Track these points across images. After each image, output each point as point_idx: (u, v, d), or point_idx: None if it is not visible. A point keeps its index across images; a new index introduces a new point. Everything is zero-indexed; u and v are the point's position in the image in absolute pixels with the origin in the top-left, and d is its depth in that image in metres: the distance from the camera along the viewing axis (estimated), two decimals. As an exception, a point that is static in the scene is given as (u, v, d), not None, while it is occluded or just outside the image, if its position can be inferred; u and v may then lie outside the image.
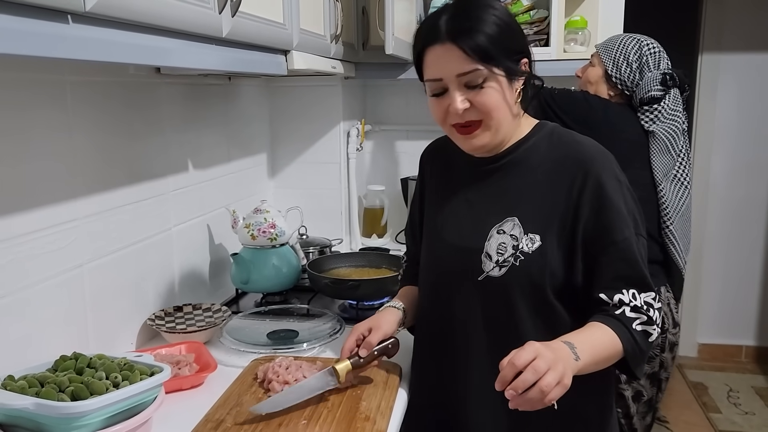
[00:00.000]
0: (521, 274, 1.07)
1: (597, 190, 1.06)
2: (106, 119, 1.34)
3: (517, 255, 1.08)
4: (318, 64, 1.64)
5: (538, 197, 1.10)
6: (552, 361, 0.90)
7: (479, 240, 1.11)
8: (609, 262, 1.06)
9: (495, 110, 1.06)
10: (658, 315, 1.07)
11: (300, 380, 1.20)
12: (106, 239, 1.34)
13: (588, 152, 1.10)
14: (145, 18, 0.89)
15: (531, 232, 1.08)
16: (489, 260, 1.10)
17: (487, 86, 1.05)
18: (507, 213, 1.11)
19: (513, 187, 1.13)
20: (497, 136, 1.10)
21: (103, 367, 1.00)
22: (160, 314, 1.50)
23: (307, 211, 2.17)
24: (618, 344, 1.02)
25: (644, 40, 1.80)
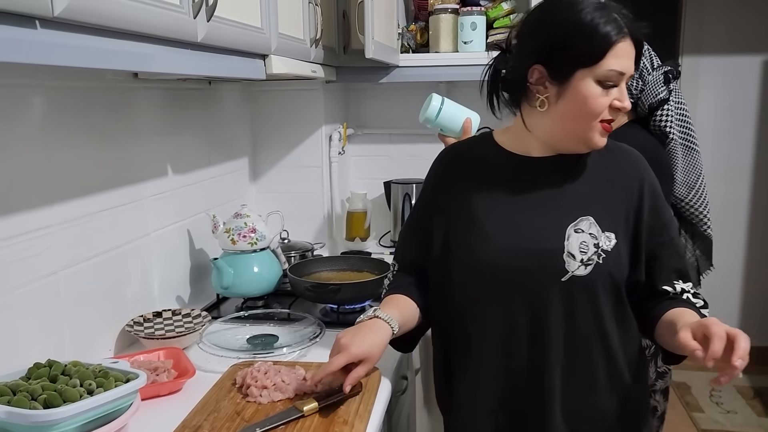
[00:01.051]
0: (604, 271, 1.11)
1: (652, 191, 1.17)
2: (83, 124, 1.33)
3: (599, 252, 1.11)
4: (297, 68, 1.64)
5: (606, 197, 1.15)
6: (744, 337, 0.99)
7: (558, 240, 1.11)
8: (668, 256, 1.16)
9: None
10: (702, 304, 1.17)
11: (279, 385, 1.20)
12: (82, 245, 1.33)
13: (638, 157, 1.21)
14: (117, 23, 0.88)
15: (607, 231, 1.13)
16: (573, 259, 1.10)
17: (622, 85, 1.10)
18: (580, 212, 1.13)
19: (578, 186, 1.15)
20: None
21: (78, 375, 0.99)
22: (139, 320, 1.49)
23: (290, 215, 2.17)
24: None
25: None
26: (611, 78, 1.07)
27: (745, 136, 3.61)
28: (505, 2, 2.23)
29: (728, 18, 3.52)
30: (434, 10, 2.24)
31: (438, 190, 1.25)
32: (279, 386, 1.20)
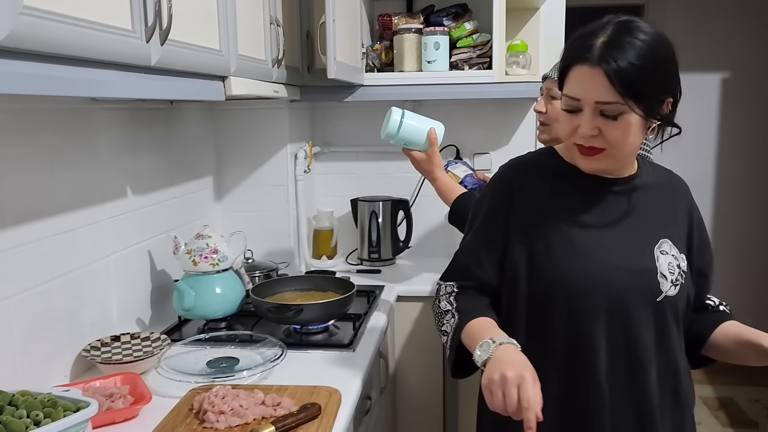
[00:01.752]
0: (685, 291, 1.16)
1: (696, 213, 1.23)
2: (36, 146, 1.31)
3: (681, 273, 1.15)
4: (259, 89, 1.64)
5: (675, 221, 1.19)
6: None
7: (650, 261, 1.13)
8: (710, 274, 1.25)
9: (622, 145, 1.06)
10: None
11: (236, 410, 1.18)
12: (36, 270, 1.31)
13: (679, 178, 1.27)
14: (66, 50, 0.88)
15: (681, 252, 1.17)
16: (665, 280, 1.13)
17: (621, 120, 1.03)
18: (660, 234, 1.16)
19: (651, 209, 1.18)
20: (617, 164, 1.14)
21: (25, 405, 0.97)
22: (96, 345, 1.46)
23: (256, 234, 2.16)
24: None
25: None
26: (569, 104, 1.07)
27: (707, 151, 3.71)
28: (468, 22, 2.26)
29: (688, 38, 3.62)
30: (398, 30, 2.26)
31: (511, 205, 1.17)
32: (237, 411, 1.18)
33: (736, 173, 3.68)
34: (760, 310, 3.70)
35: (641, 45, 1.02)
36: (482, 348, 1.03)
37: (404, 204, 2.46)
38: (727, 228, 3.73)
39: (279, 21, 1.78)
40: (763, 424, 3.11)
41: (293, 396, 1.27)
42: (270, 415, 1.19)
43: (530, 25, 2.38)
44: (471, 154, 2.51)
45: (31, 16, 0.78)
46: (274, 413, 1.20)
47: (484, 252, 1.19)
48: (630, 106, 1.02)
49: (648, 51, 1.02)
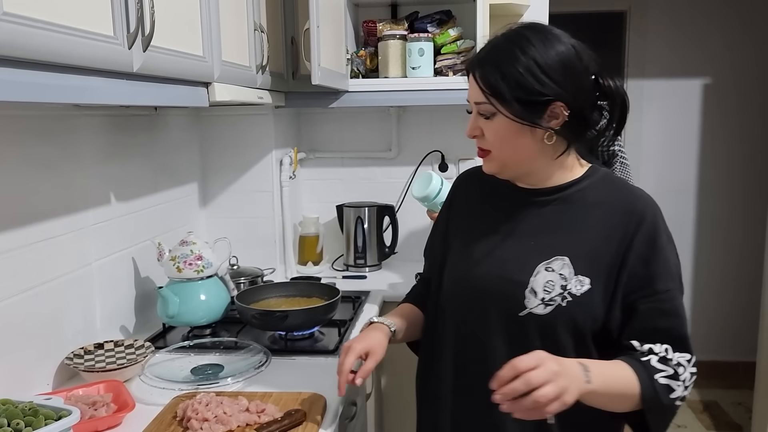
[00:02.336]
0: (566, 315, 1.06)
1: (648, 240, 1.06)
2: (20, 153, 1.30)
3: (564, 295, 1.06)
4: (243, 95, 1.64)
5: (590, 240, 1.08)
6: (554, 374, 0.90)
7: (525, 274, 1.09)
8: (647, 311, 1.05)
9: (499, 146, 1.09)
10: (689, 378, 1.04)
11: (220, 417, 1.18)
12: (18, 277, 1.30)
13: (642, 202, 1.10)
14: (47, 56, 0.87)
15: (581, 274, 1.06)
16: (534, 296, 1.07)
17: (494, 120, 1.07)
18: (558, 251, 1.09)
19: (564, 225, 1.11)
20: (509, 170, 1.13)
21: (6, 413, 0.96)
22: (80, 352, 1.45)
23: (241, 240, 2.15)
24: (635, 386, 1.00)
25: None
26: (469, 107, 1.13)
27: (689, 156, 3.74)
28: (452, 29, 2.28)
29: (669, 44, 3.66)
30: (383, 36, 2.27)
31: (449, 211, 1.29)
32: (220, 418, 1.18)
33: (719, 178, 3.72)
34: (744, 315, 3.74)
35: (508, 47, 1.05)
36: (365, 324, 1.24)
37: (390, 210, 2.46)
38: (710, 233, 3.76)
39: (263, 27, 1.78)
40: (747, 426, 3.14)
41: (278, 402, 1.27)
42: (254, 422, 1.19)
43: (514, 32, 2.40)
44: (456, 160, 2.53)
45: (10, 22, 0.77)
46: (258, 420, 1.19)
47: (429, 251, 1.35)
48: (495, 107, 1.05)
49: (511, 53, 1.04)
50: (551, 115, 1.05)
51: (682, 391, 1.04)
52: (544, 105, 1.04)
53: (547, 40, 1.04)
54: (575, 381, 0.93)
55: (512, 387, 0.90)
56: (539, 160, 1.10)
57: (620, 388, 1.01)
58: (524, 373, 0.90)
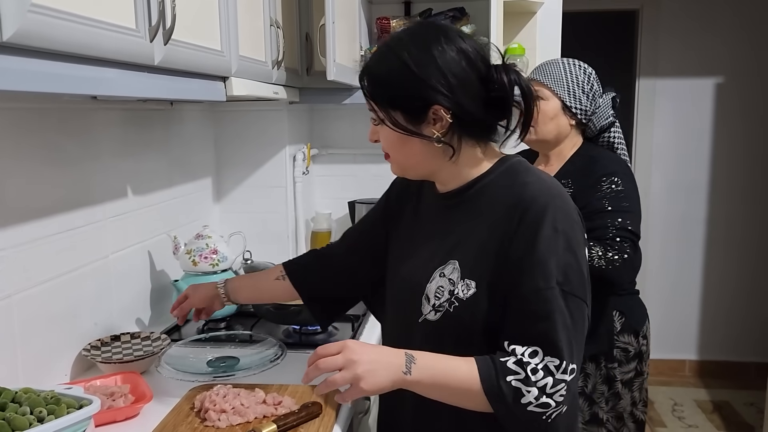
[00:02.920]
0: (454, 321, 1.03)
1: (527, 235, 0.99)
2: (39, 146, 1.32)
3: (452, 301, 1.04)
4: (259, 90, 1.65)
5: (477, 241, 1.04)
6: (347, 362, 0.97)
7: (423, 280, 1.09)
8: (515, 312, 0.99)
9: (390, 149, 1.10)
10: (552, 384, 0.95)
11: (237, 408, 1.19)
12: (37, 268, 1.31)
13: (531, 194, 1.02)
14: (71, 48, 0.88)
15: (468, 278, 1.03)
16: (427, 303, 1.07)
17: (383, 127, 1.08)
18: (450, 255, 1.07)
19: (458, 228, 1.09)
20: (410, 172, 1.13)
21: (28, 402, 0.97)
22: (96, 344, 1.46)
23: (254, 235, 2.16)
24: (476, 383, 0.97)
25: (583, 65, 1.80)
26: None
27: (701, 155, 3.73)
28: (465, 26, 2.28)
29: (682, 43, 3.65)
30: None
31: (387, 207, 1.31)
32: (238, 410, 1.19)
33: (731, 177, 3.71)
34: (757, 315, 3.72)
35: (385, 52, 1.05)
36: None
37: (402, 206, 2.46)
38: (722, 232, 3.75)
39: (279, 23, 1.78)
40: (759, 427, 3.12)
41: (294, 395, 1.27)
42: (271, 414, 1.20)
43: (527, 29, 2.40)
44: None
45: (38, 14, 0.78)
46: (275, 412, 1.20)
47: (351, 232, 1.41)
48: (377, 115, 1.07)
49: (389, 58, 1.04)
50: (434, 118, 1.02)
51: (536, 396, 0.95)
52: (422, 110, 1.02)
53: (424, 42, 1.02)
54: (385, 371, 0.98)
55: (306, 373, 1.00)
56: (434, 162, 1.07)
57: (453, 382, 0.99)
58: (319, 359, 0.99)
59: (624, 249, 1.60)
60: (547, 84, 1.77)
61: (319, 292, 1.38)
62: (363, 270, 1.34)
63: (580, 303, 1.00)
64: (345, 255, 1.38)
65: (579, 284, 1.00)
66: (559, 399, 0.96)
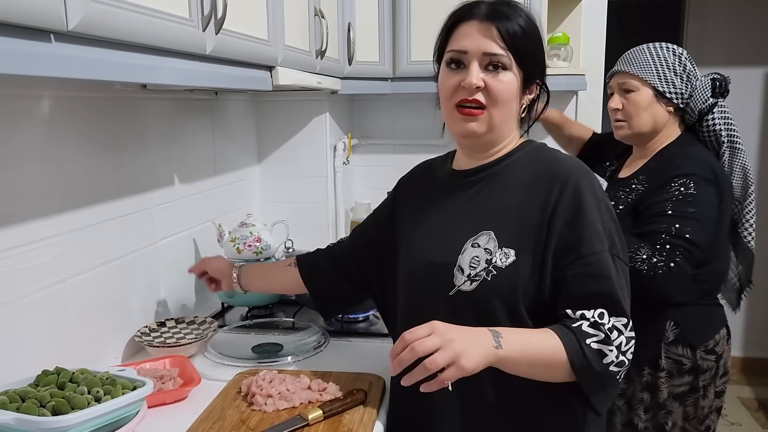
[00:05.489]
0: (492, 289, 1.04)
1: (572, 203, 1.04)
2: (92, 134, 1.35)
3: (489, 269, 1.05)
4: (303, 79, 1.66)
5: (514, 210, 1.08)
6: (444, 341, 0.91)
7: (453, 253, 1.09)
8: (576, 277, 1.02)
9: (503, 101, 1.08)
10: (625, 343, 1.01)
11: (283, 393, 1.21)
12: (90, 254, 1.34)
13: (566, 166, 1.09)
14: (129, 36, 0.90)
15: (506, 247, 1.05)
16: (461, 274, 1.07)
17: (505, 74, 1.07)
18: (482, 226, 1.09)
19: (490, 200, 1.12)
20: (492, 132, 1.11)
21: (85, 382, 1.00)
22: (145, 330, 1.50)
23: (295, 224, 2.18)
24: (560, 353, 0.98)
25: (672, 46, 1.66)
26: (454, 58, 1.10)
27: (749, 147, 3.62)
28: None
29: (728, 31, 3.54)
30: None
31: (393, 208, 1.32)
32: (284, 395, 1.20)
33: (780, 170, 3.60)
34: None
35: (524, 14, 1.10)
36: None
37: (441, 197, 2.46)
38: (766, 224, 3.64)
39: (322, 12, 1.79)
40: (805, 426, 3.04)
41: (338, 382, 1.28)
42: (316, 400, 1.21)
43: (572, 18, 2.36)
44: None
45: (101, 3, 0.80)
46: (320, 398, 1.21)
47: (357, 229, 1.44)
48: (515, 61, 1.07)
49: (529, 21, 1.10)
50: (532, 89, 1.13)
51: (617, 356, 0.99)
52: (534, 76, 1.12)
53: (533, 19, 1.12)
54: (479, 347, 0.93)
55: (400, 358, 0.91)
56: (508, 128, 1.13)
57: (541, 354, 0.98)
58: (411, 343, 0.91)
59: (673, 257, 1.45)
60: (634, 73, 1.63)
61: (324, 284, 1.40)
62: (368, 267, 1.34)
63: (624, 265, 1.07)
64: (351, 252, 1.39)
65: (621, 247, 1.07)
66: (630, 356, 1.01)
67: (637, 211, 1.57)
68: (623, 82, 1.65)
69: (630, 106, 1.64)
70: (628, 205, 1.60)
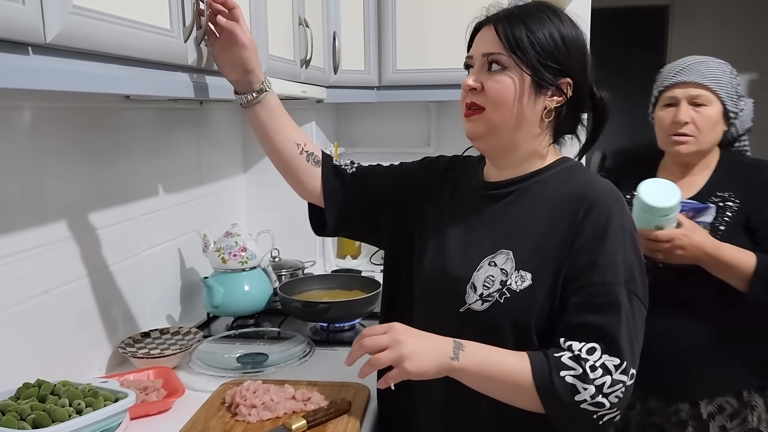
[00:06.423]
0: (504, 311, 1.00)
1: (595, 227, 0.98)
2: (74, 144, 1.34)
3: (503, 291, 1.01)
4: (287, 89, 1.66)
5: (537, 231, 1.02)
6: (395, 341, 0.94)
7: (468, 269, 1.05)
8: (578, 305, 0.96)
9: (498, 102, 1.03)
10: (612, 385, 0.92)
11: (268, 404, 1.20)
12: (73, 265, 1.34)
13: (597, 190, 1.03)
14: (109, 48, 0.90)
15: (523, 269, 1.00)
16: (473, 292, 1.03)
17: (503, 74, 1.03)
18: (502, 244, 1.04)
19: (514, 217, 1.06)
20: (495, 135, 1.06)
21: (67, 394, 1.00)
22: (129, 341, 1.49)
23: (281, 233, 2.18)
24: (528, 377, 0.94)
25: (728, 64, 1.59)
26: (466, 64, 1.10)
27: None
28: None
29: (713, 39, 3.59)
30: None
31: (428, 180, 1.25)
32: (268, 405, 1.20)
33: None
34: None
35: (537, 12, 1.05)
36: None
37: (428, 204, 2.46)
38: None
39: (307, 21, 1.80)
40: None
41: (322, 392, 1.28)
42: (300, 410, 1.21)
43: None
44: (495, 155, 2.52)
45: (80, 15, 0.80)
46: (304, 408, 1.21)
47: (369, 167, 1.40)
48: (513, 59, 1.02)
49: (539, 18, 1.04)
50: (557, 89, 1.05)
51: (593, 395, 0.92)
52: (556, 75, 1.03)
53: (570, 22, 1.07)
54: (431, 355, 0.95)
55: (351, 352, 0.98)
56: (527, 134, 1.06)
57: (503, 374, 0.95)
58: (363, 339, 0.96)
59: None
60: (709, 86, 1.50)
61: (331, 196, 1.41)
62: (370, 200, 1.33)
63: (641, 306, 0.98)
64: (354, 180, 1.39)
65: (642, 286, 0.99)
66: (614, 400, 0.93)
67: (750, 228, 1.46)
68: (697, 95, 1.50)
69: (702, 121, 1.50)
70: (728, 224, 1.47)
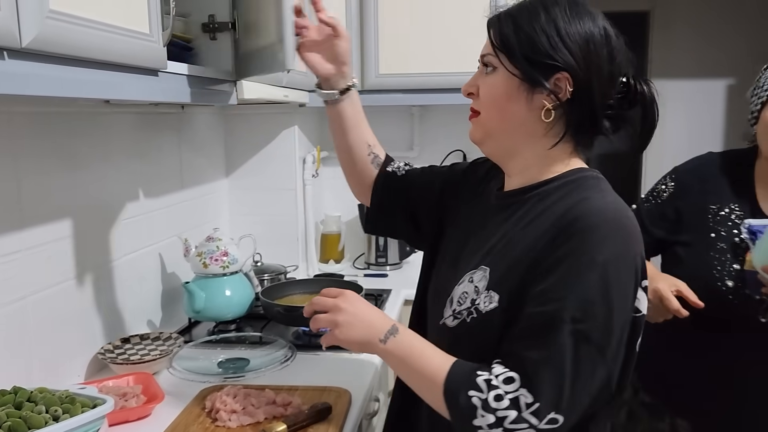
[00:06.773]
0: (468, 332, 0.95)
1: (558, 254, 0.87)
2: (53, 149, 1.33)
3: (471, 310, 0.95)
4: (269, 93, 1.66)
5: (518, 252, 0.93)
6: (335, 307, 0.98)
7: (452, 282, 1.01)
8: (518, 330, 0.88)
9: (487, 104, 0.99)
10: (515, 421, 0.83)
11: (248, 409, 1.20)
12: (52, 270, 1.33)
13: (581, 210, 0.90)
14: (87, 53, 0.90)
15: (493, 290, 0.93)
16: (449, 306, 0.99)
17: (494, 74, 0.97)
18: (484, 260, 0.97)
19: (507, 232, 0.98)
20: (491, 138, 1.01)
21: (44, 401, 0.99)
22: (109, 347, 1.48)
23: (264, 237, 2.17)
24: (441, 379, 0.89)
25: None
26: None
27: (712, 158, 3.71)
28: (475, 29, 2.29)
29: (693, 45, 3.64)
30: (406, 36, 2.29)
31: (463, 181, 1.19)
32: (248, 410, 1.20)
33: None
34: None
35: (533, 6, 0.96)
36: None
37: (411, 208, 2.47)
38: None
39: (289, 27, 1.80)
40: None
41: (303, 396, 1.28)
42: (281, 415, 1.21)
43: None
44: (478, 160, 2.53)
45: (56, 19, 0.80)
46: (284, 412, 1.21)
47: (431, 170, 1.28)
48: (499, 58, 0.96)
49: (531, 11, 0.95)
50: (554, 86, 0.93)
51: (492, 425, 0.84)
52: (550, 71, 0.93)
53: (577, 13, 0.95)
54: (362, 329, 0.97)
55: (306, 308, 1.04)
56: (522, 138, 0.98)
57: (420, 369, 0.93)
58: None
59: None
60: None
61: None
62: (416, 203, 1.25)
63: (594, 354, 0.85)
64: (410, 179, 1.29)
65: (600, 331, 0.85)
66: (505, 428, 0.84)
67: None
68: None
69: None
70: None
